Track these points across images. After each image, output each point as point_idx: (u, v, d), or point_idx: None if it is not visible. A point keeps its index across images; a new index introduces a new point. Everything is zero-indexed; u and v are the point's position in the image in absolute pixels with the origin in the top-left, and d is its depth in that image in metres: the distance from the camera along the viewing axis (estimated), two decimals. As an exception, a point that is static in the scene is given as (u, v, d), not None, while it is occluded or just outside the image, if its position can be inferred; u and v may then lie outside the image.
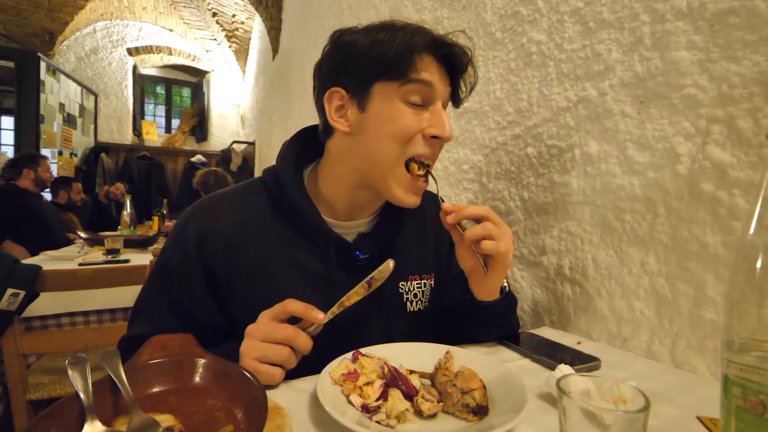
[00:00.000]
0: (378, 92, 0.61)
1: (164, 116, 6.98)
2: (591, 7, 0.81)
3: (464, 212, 0.61)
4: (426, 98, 0.61)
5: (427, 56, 0.61)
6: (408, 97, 0.60)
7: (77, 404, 0.40)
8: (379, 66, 0.60)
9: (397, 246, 0.72)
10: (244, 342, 0.54)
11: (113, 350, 0.48)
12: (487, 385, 0.53)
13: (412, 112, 0.61)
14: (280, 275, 0.65)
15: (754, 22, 0.56)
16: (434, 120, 0.62)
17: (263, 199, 0.68)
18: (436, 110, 0.62)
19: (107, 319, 1.52)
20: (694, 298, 0.63)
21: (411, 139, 0.62)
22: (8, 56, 4.43)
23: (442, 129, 0.61)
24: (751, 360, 0.30)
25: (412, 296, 0.73)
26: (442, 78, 0.62)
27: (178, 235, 0.65)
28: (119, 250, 2.03)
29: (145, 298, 0.67)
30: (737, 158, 0.58)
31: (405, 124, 0.61)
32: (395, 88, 0.60)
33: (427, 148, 0.63)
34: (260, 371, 0.51)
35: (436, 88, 0.61)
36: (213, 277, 0.64)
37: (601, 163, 0.79)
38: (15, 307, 1.16)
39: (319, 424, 0.47)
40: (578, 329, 0.83)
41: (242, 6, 5.16)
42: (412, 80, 0.60)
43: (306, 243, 0.66)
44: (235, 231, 0.65)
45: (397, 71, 0.60)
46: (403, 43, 0.59)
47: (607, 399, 0.35)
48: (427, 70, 0.60)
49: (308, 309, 0.54)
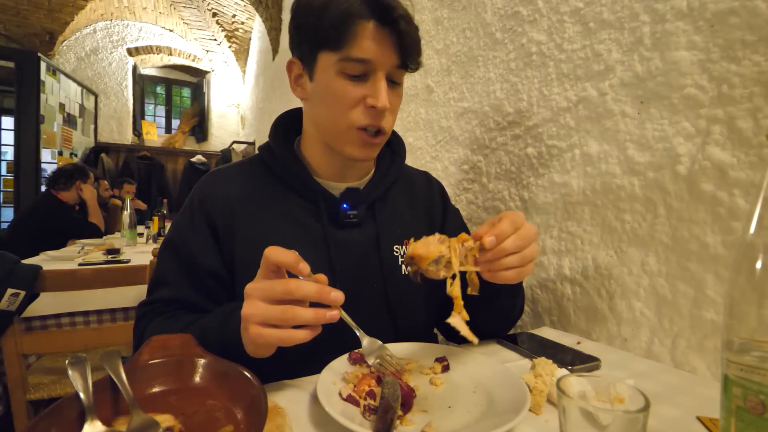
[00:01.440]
0: (321, 62, 0.63)
1: (164, 116, 6.97)
2: (591, 7, 0.81)
3: (502, 237, 0.53)
4: (365, 70, 0.61)
5: (366, 22, 0.59)
6: (346, 69, 0.61)
7: (77, 404, 0.40)
8: (319, 36, 0.61)
9: (387, 208, 0.75)
10: (245, 304, 0.48)
11: (113, 350, 0.48)
12: (487, 386, 0.53)
13: (350, 83, 0.62)
14: (276, 229, 0.68)
15: (754, 22, 0.56)
16: (372, 90, 0.62)
17: (261, 168, 0.73)
18: (374, 80, 0.62)
19: (107, 319, 1.52)
20: (694, 298, 0.63)
21: (352, 108, 0.63)
22: (8, 56, 4.43)
23: (376, 99, 0.61)
24: (751, 360, 0.30)
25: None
26: (384, 44, 0.60)
27: (186, 205, 0.71)
28: (119, 250, 2.03)
29: (161, 265, 0.69)
30: (737, 158, 0.58)
31: (342, 95, 0.62)
32: (334, 61, 0.61)
33: (368, 117, 0.63)
34: (265, 335, 0.46)
35: (374, 60, 0.60)
36: (215, 231, 0.67)
37: (601, 163, 0.79)
38: (15, 307, 1.16)
39: (319, 424, 0.47)
40: (578, 329, 0.83)
41: (242, 6, 5.16)
42: (347, 58, 0.60)
43: (298, 198, 0.70)
44: (232, 191, 0.70)
45: (336, 42, 0.60)
46: (339, 10, 0.59)
47: (606, 399, 0.35)
48: (365, 38, 0.59)
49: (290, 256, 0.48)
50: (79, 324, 1.48)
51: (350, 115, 0.63)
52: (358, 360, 0.57)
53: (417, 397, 0.51)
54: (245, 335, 0.49)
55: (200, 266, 0.66)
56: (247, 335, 0.47)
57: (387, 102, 0.62)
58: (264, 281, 0.48)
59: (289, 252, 0.48)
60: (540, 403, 0.50)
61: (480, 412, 0.49)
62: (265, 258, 0.48)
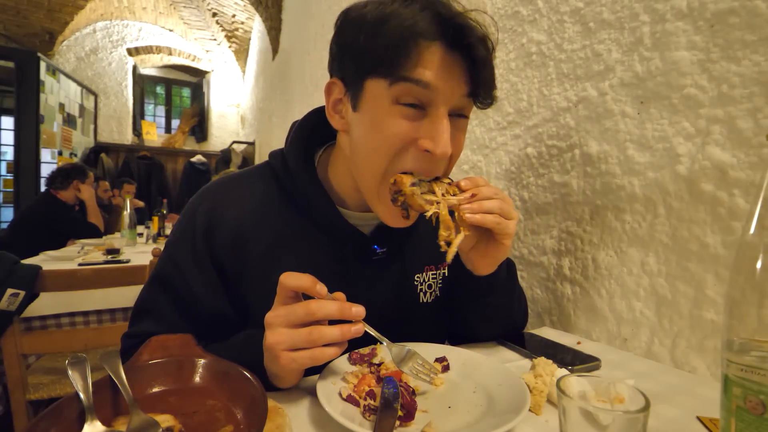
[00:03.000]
0: (370, 90, 0.52)
1: (164, 116, 6.98)
2: (591, 7, 0.81)
3: (483, 206, 0.53)
4: (424, 101, 0.50)
5: (432, 43, 0.48)
6: (401, 98, 0.50)
7: (77, 404, 0.40)
8: (371, 58, 0.50)
9: (413, 238, 0.68)
10: (267, 334, 0.47)
11: (113, 350, 0.48)
12: (487, 386, 0.53)
13: (405, 117, 0.50)
14: (291, 268, 0.61)
15: (754, 22, 0.56)
16: (429, 129, 0.50)
17: (271, 185, 0.63)
18: (434, 117, 0.50)
19: (107, 319, 1.52)
20: (694, 299, 0.63)
21: (400, 151, 0.52)
22: (8, 56, 4.43)
23: (434, 142, 0.50)
24: (751, 360, 0.30)
25: (426, 287, 0.71)
26: (452, 74, 0.49)
27: (185, 227, 0.62)
28: (119, 250, 2.03)
29: (150, 296, 0.63)
30: (737, 158, 0.58)
31: (392, 132, 0.51)
32: (385, 87, 0.50)
33: (419, 163, 0.52)
34: (297, 359, 0.45)
35: (437, 89, 0.49)
36: (221, 269, 0.60)
37: (601, 163, 0.79)
38: (15, 307, 1.16)
39: (319, 424, 0.47)
40: (578, 329, 0.83)
41: (242, 6, 5.16)
42: (402, 78, 0.48)
43: (319, 235, 0.62)
44: (244, 220, 0.61)
45: (391, 66, 0.49)
46: (399, 28, 0.47)
47: (606, 399, 0.35)
48: (429, 61, 0.48)
49: (306, 280, 0.47)
50: (79, 324, 1.48)
51: (395, 161, 0.52)
52: (358, 360, 0.57)
53: (417, 397, 0.51)
54: (275, 364, 0.48)
55: (201, 306, 0.60)
56: (278, 364, 0.47)
57: (448, 147, 0.50)
58: (283, 307, 0.48)
59: (305, 276, 0.48)
60: (540, 403, 0.50)
61: (480, 412, 0.49)
62: (281, 285, 0.48)
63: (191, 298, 0.60)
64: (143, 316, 0.62)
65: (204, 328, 0.59)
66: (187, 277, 0.60)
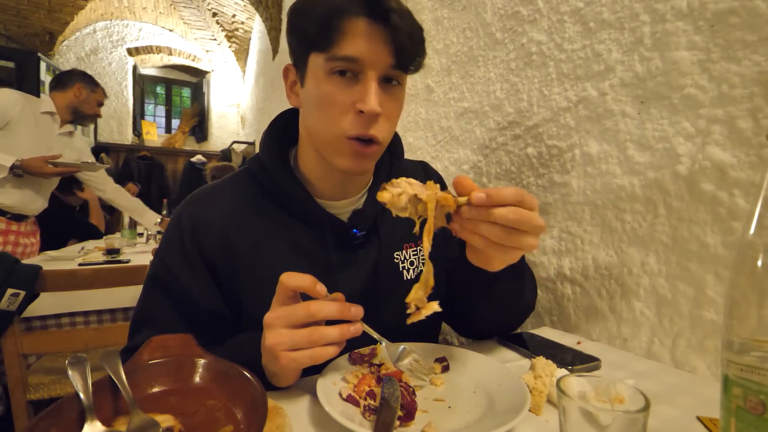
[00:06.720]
0: (311, 65, 0.58)
1: (164, 116, 6.97)
2: (591, 7, 0.81)
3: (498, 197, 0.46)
4: (354, 71, 0.56)
5: (356, 18, 0.54)
6: (334, 69, 0.56)
7: (77, 404, 0.40)
8: (308, 37, 0.57)
9: (388, 219, 0.67)
10: (267, 334, 0.48)
11: (113, 350, 0.48)
12: (487, 386, 0.53)
13: (340, 85, 0.56)
14: (278, 260, 0.63)
15: (754, 22, 0.56)
16: (360, 93, 0.56)
17: (254, 187, 0.67)
18: (363, 82, 0.56)
19: (107, 319, 1.52)
20: (694, 298, 0.63)
21: (341, 115, 0.57)
22: (8, 56, 4.42)
23: (364, 103, 0.55)
24: (751, 360, 0.30)
25: (408, 264, 0.72)
26: (376, 42, 0.55)
27: (172, 233, 0.64)
28: (119, 250, 2.03)
29: (146, 304, 0.64)
30: (737, 158, 0.58)
31: (330, 100, 0.57)
32: (322, 62, 0.56)
33: (358, 126, 0.57)
34: (297, 359, 0.47)
35: (364, 60, 0.55)
36: (213, 269, 0.62)
37: (602, 163, 0.79)
38: (15, 307, 1.16)
39: (319, 424, 0.47)
40: (578, 329, 0.83)
41: (242, 6, 5.16)
42: (332, 53, 0.55)
43: (301, 226, 0.65)
44: (229, 220, 0.64)
45: (323, 41, 0.55)
46: (326, 6, 0.54)
47: (606, 399, 0.35)
48: (354, 35, 0.54)
49: (307, 280, 0.48)
50: (79, 324, 1.48)
51: (340, 123, 0.57)
52: (358, 360, 0.57)
53: (417, 397, 0.51)
54: (275, 365, 0.49)
55: (197, 305, 0.61)
56: (278, 364, 0.47)
57: (377, 106, 0.55)
58: (283, 308, 0.49)
59: (305, 276, 0.49)
60: (540, 404, 0.50)
61: (480, 412, 0.49)
62: (281, 285, 0.49)
63: (187, 298, 0.61)
64: (141, 327, 0.62)
65: (203, 329, 0.60)
66: (180, 278, 0.61)
